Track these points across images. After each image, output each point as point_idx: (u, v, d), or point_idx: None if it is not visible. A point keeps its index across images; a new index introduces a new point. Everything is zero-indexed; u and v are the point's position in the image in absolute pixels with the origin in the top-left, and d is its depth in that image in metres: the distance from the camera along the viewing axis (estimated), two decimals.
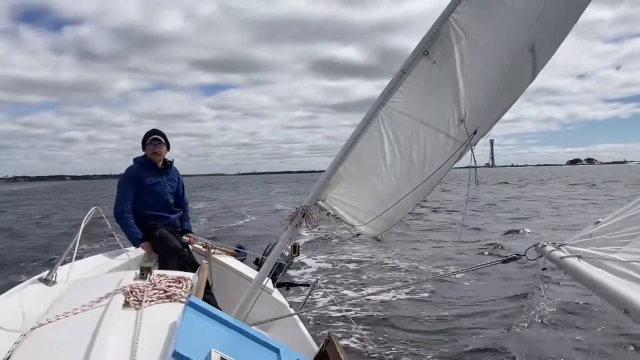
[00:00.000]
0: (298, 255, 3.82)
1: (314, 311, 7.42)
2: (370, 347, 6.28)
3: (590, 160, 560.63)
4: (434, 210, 26.70)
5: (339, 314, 7.65)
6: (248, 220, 26.40)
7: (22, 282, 3.12)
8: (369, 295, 8.92)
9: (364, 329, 7.18)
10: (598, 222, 1.84)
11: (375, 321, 7.76)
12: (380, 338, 6.95)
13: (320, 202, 2.99)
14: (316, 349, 3.36)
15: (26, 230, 22.20)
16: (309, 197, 2.98)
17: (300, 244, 4.09)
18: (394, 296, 9.11)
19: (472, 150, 2.75)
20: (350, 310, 8.12)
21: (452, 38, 2.43)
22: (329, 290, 9.67)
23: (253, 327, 2.63)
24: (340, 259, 13.07)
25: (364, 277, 11.23)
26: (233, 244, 5.96)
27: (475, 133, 2.74)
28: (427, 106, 2.70)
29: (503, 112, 2.94)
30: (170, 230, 4.97)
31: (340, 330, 7.12)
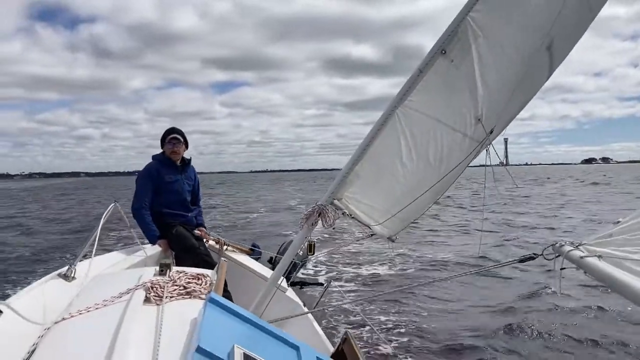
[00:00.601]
0: (314, 254, 3.81)
1: (327, 310, 7.43)
2: (386, 346, 6.28)
3: (605, 159, 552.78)
4: (459, 206, 26.68)
5: (353, 313, 7.64)
6: (262, 212, 27.03)
7: (42, 277, 3.16)
8: (383, 294, 8.89)
9: (378, 328, 7.17)
10: (618, 222, 1.82)
11: (391, 320, 7.74)
12: (396, 337, 6.94)
13: (336, 201, 2.99)
14: (330, 348, 3.37)
15: (47, 227, 22.51)
16: (325, 196, 2.99)
17: (316, 243, 4.10)
18: (409, 295, 9.08)
19: (487, 150, 2.74)
20: (364, 309, 8.11)
21: (470, 37, 2.42)
22: (342, 289, 9.68)
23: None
24: (354, 258, 13.06)
25: (378, 276, 11.21)
26: (249, 237, 6.00)
27: (491, 132, 2.73)
28: (444, 105, 2.70)
29: (518, 111, 2.92)
30: (186, 229, 5.01)
31: (354, 329, 7.11)
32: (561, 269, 1.79)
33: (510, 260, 2.23)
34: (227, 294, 4.23)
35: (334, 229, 3.03)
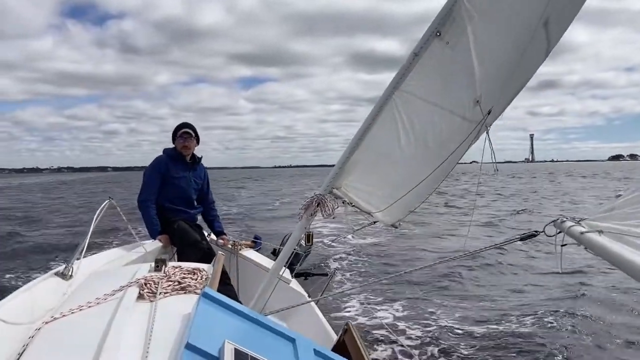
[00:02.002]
0: (312, 244, 3.79)
1: (332, 300, 7.43)
2: (390, 336, 6.27)
3: (633, 156, 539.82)
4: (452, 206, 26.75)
5: (358, 303, 7.64)
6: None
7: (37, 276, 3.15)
8: (387, 283, 8.89)
9: (383, 318, 7.17)
10: (619, 195, 1.78)
11: (395, 310, 7.74)
12: (399, 328, 6.93)
13: (335, 190, 2.96)
14: (335, 338, 3.35)
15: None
16: (323, 186, 2.96)
17: (319, 234, 4.09)
18: (413, 283, 9.09)
19: (486, 133, 2.70)
20: (368, 300, 8.11)
21: (465, 17, 2.38)
22: (347, 279, 9.68)
23: (271, 317, 2.63)
24: (358, 247, 13.07)
25: (383, 265, 11.22)
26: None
27: (489, 113, 2.69)
28: (441, 89, 2.66)
29: (517, 91, 2.88)
30: (188, 224, 5.00)
31: (359, 319, 7.11)
32: (562, 245, 1.76)
33: (512, 238, 2.20)
34: (229, 288, 4.22)
35: (334, 218, 3.00)
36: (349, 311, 7.47)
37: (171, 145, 5.20)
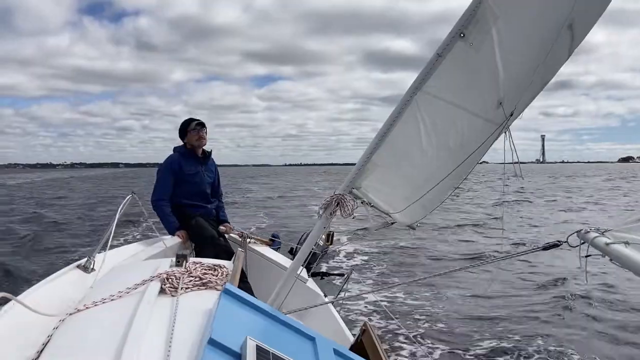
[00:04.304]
0: (332, 244, 3.78)
1: (349, 301, 7.41)
2: (407, 338, 6.24)
3: None
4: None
5: (375, 304, 7.62)
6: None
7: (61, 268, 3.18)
8: (405, 285, 8.85)
9: (400, 320, 7.14)
10: None
11: (412, 312, 7.71)
12: (417, 329, 6.90)
13: (354, 190, 2.95)
14: (351, 339, 3.34)
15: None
16: (343, 185, 2.94)
17: (336, 233, 4.07)
18: (431, 286, 9.03)
19: (507, 133, 2.66)
20: (385, 301, 8.08)
21: (489, 18, 2.35)
22: (364, 280, 9.66)
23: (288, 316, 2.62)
24: (375, 248, 13.03)
25: (401, 266, 11.17)
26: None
27: (511, 114, 2.66)
28: (464, 90, 2.63)
29: (538, 92, 2.84)
30: (206, 220, 5.02)
31: (376, 320, 7.09)
32: (586, 256, 1.72)
33: (534, 248, 2.16)
34: (246, 285, 4.23)
35: (353, 218, 2.98)
36: (365, 311, 7.45)
37: (180, 143, 5.21)
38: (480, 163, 2.99)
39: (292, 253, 5.34)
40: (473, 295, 8.61)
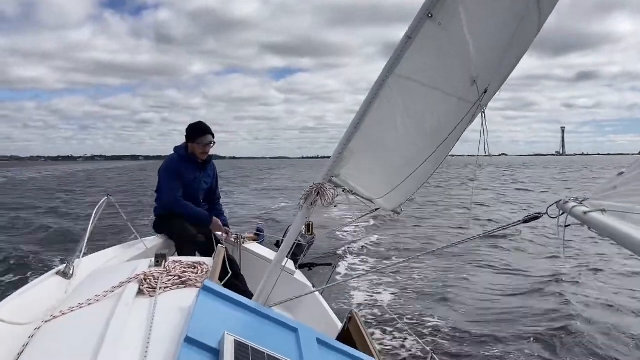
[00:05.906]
0: (312, 234, 3.76)
1: (337, 290, 7.43)
2: (394, 325, 6.27)
3: None
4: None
5: (363, 292, 7.65)
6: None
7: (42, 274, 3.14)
8: (391, 272, 8.89)
9: (387, 306, 7.18)
10: (622, 173, 1.75)
11: (399, 298, 7.75)
12: (403, 314, 6.94)
13: (334, 179, 2.93)
14: (340, 327, 3.34)
15: None
16: (322, 174, 2.92)
17: (318, 224, 4.06)
18: (416, 270, 9.09)
19: (482, 112, 2.66)
20: (373, 287, 8.12)
21: None
22: (351, 268, 9.69)
23: (275, 309, 2.61)
24: (360, 236, 13.08)
25: (386, 252, 11.23)
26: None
27: (485, 92, 2.65)
28: (436, 70, 2.61)
29: (512, 69, 2.83)
30: (186, 220, 4.97)
31: (365, 307, 7.12)
32: (565, 226, 1.73)
33: (515, 221, 2.16)
34: (241, 279, 4.24)
35: (335, 206, 2.97)
36: (354, 299, 7.48)
37: (183, 142, 5.10)
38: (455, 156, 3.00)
39: (278, 246, 5.33)
40: (463, 280, 8.69)
